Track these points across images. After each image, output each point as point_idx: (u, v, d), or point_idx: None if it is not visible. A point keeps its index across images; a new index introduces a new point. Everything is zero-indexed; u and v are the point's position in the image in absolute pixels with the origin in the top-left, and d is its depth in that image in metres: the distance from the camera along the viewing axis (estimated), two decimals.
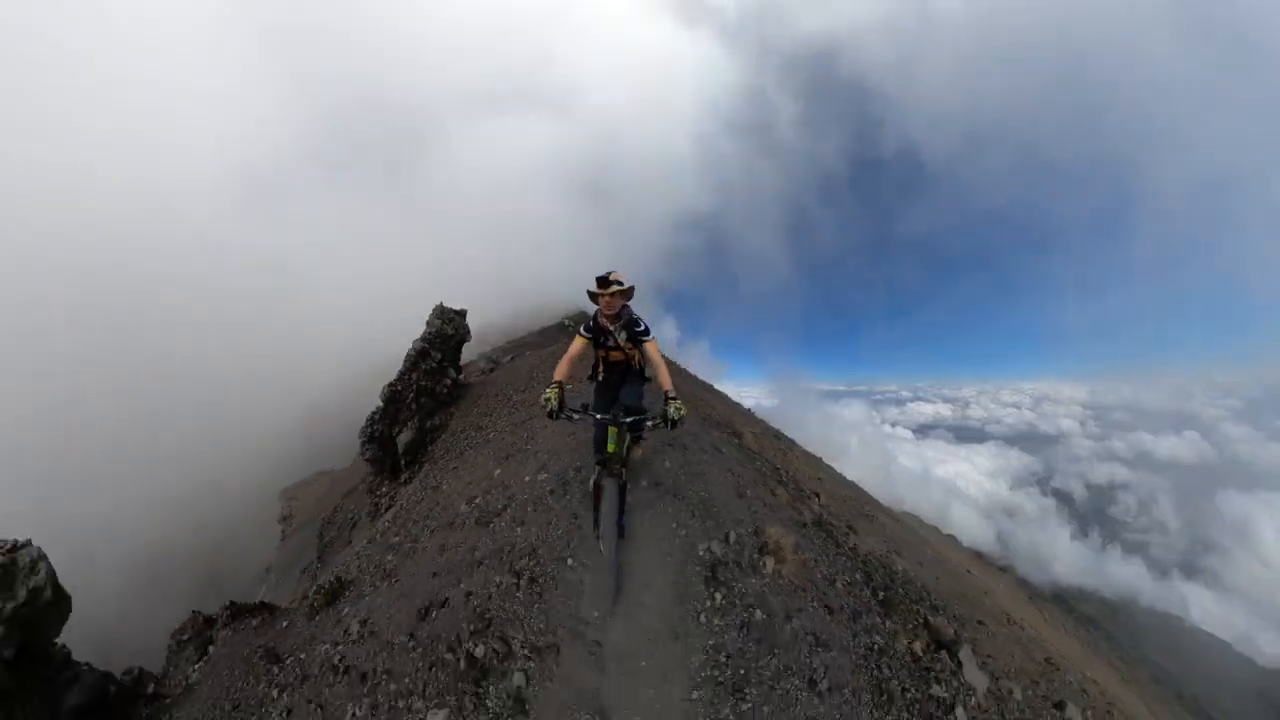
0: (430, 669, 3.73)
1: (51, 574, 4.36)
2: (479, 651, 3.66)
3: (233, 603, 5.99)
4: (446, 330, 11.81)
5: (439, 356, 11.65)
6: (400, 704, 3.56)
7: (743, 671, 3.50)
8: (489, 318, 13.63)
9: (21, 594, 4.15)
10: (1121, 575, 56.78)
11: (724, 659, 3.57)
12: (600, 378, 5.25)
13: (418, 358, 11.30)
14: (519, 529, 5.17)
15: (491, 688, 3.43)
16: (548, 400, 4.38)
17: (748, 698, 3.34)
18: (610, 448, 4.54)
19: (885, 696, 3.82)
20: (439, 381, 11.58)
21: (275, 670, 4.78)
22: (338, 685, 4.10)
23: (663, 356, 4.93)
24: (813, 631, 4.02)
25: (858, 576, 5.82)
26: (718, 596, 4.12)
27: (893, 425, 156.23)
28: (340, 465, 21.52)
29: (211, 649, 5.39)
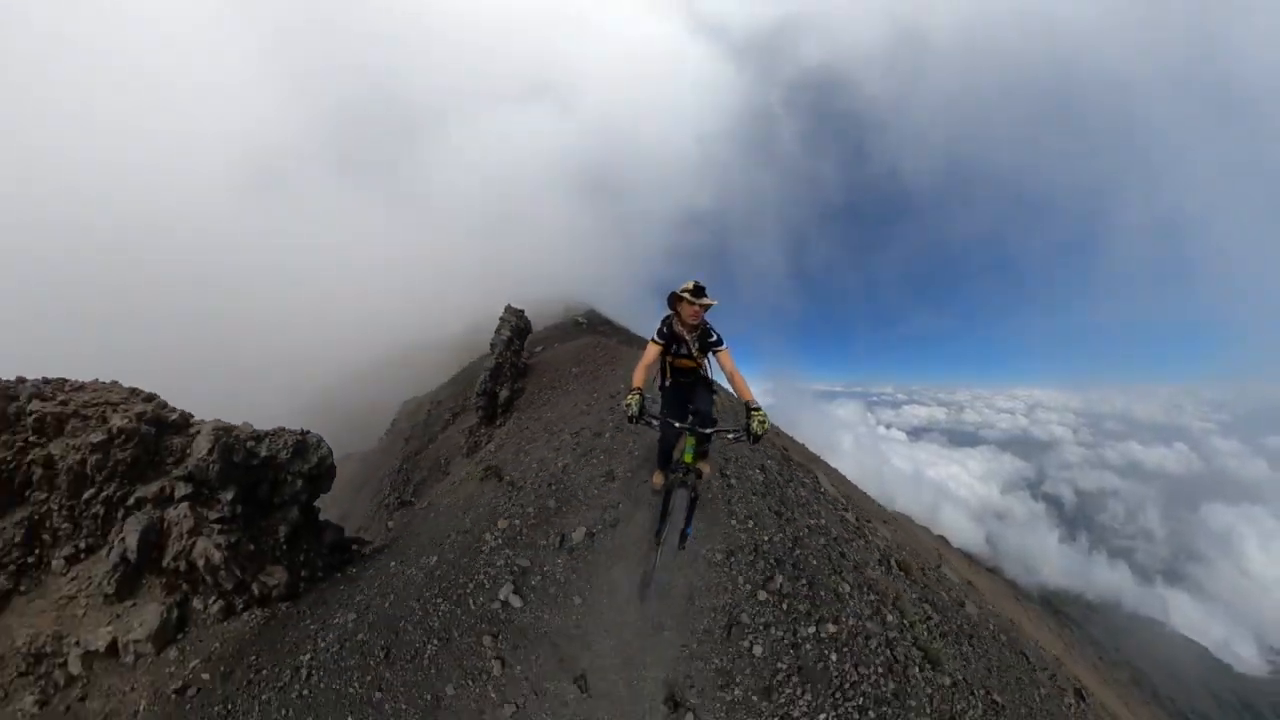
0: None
1: (330, 449, 6.80)
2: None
3: (399, 496, 9.69)
4: (520, 324, 16.43)
5: (519, 343, 16.22)
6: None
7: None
8: (494, 314, 15.40)
9: (314, 459, 6.51)
10: (1106, 580, 57.84)
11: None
12: (667, 383, 5.15)
13: (508, 342, 15.65)
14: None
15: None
16: (629, 405, 4.26)
17: None
18: (687, 457, 4.48)
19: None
20: (518, 358, 16.15)
21: (505, 483, 7.50)
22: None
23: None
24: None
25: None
26: None
27: (887, 427, 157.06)
28: (364, 447, 22.39)
29: (390, 523, 8.21)
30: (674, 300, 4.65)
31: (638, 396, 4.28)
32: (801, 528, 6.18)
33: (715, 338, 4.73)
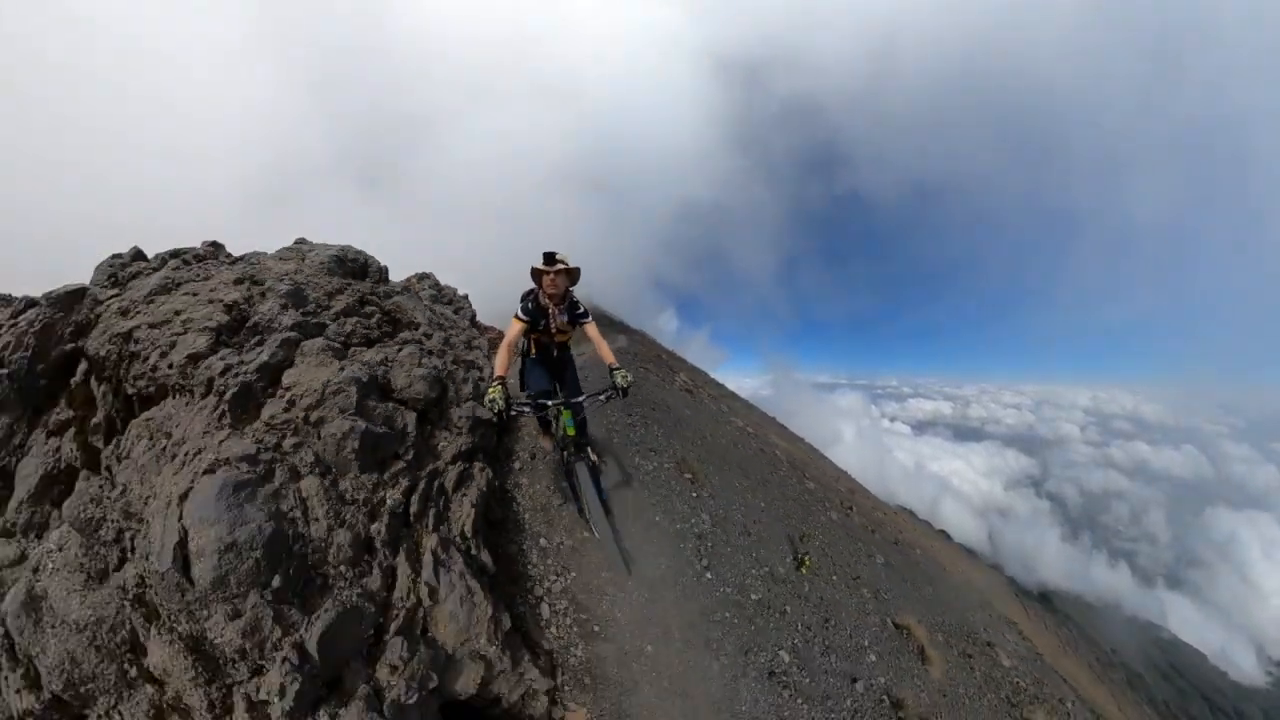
0: None
1: None
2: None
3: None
4: None
5: None
6: None
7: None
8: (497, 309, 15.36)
9: None
10: (1106, 580, 57.55)
11: None
12: (534, 355, 5.09)
13: None
14: None
15: None
16: (493, 401, 3.94)
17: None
18: (569, 431, 4.53)
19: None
20: None
21: None
22: None
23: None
24: None
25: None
26: None
27: (891, 420, 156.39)
28: None
29: None
30: (534, 274, 4.56)
31: (500, 389, 4.01)
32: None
33: (582, 310, 4.79)
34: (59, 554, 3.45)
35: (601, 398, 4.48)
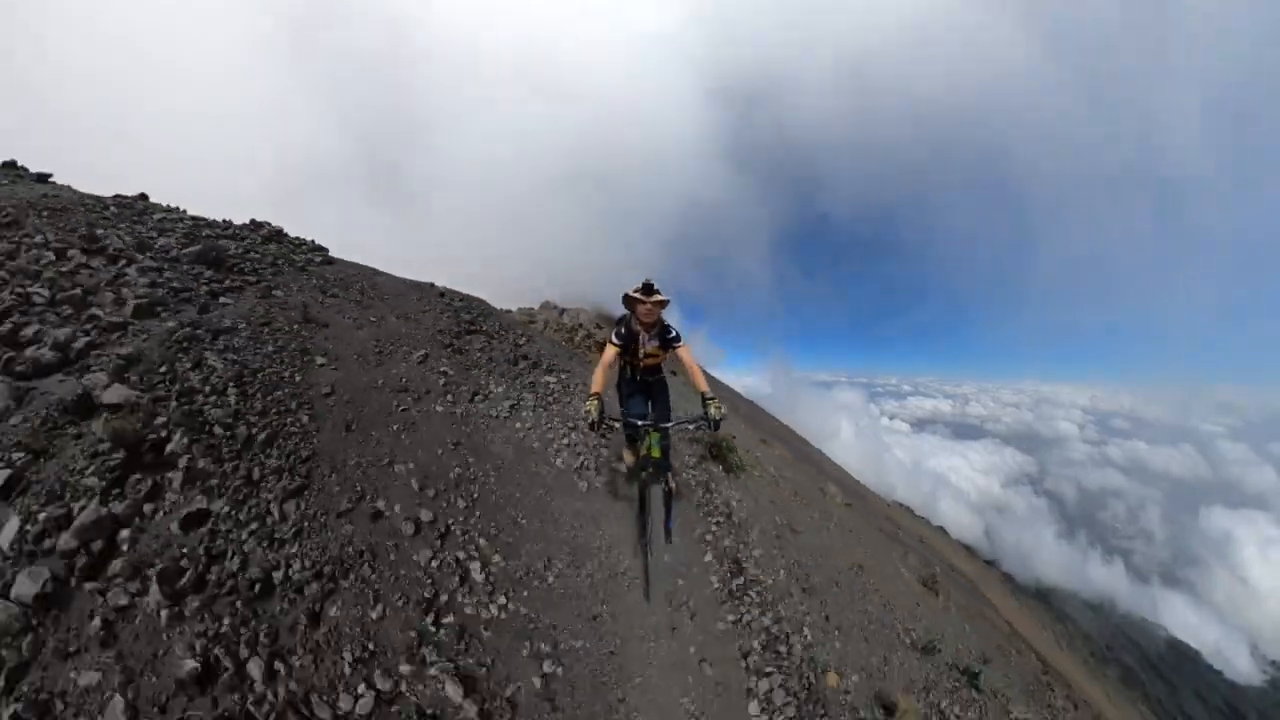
0: None
1: None
2: None
3: None
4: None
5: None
6: None
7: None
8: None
9: None
10: (1102, 578, 57.58)
11: None
12: (630, 377, 5.27)
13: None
14: None
15: None
16: (588, 413, 4.26)
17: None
18: (654, 453, 4.51)
19: None
20: None
21: None
22: None
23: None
24: None
25: None
26: None
27: (890, 418, 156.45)
28: None
29: None
30: (629, 301, 4.78)
31: (597, 403, 4.30)
32: None
33: (674, 334, 4.90)
34: None
35: (691, 426, 4.55)
